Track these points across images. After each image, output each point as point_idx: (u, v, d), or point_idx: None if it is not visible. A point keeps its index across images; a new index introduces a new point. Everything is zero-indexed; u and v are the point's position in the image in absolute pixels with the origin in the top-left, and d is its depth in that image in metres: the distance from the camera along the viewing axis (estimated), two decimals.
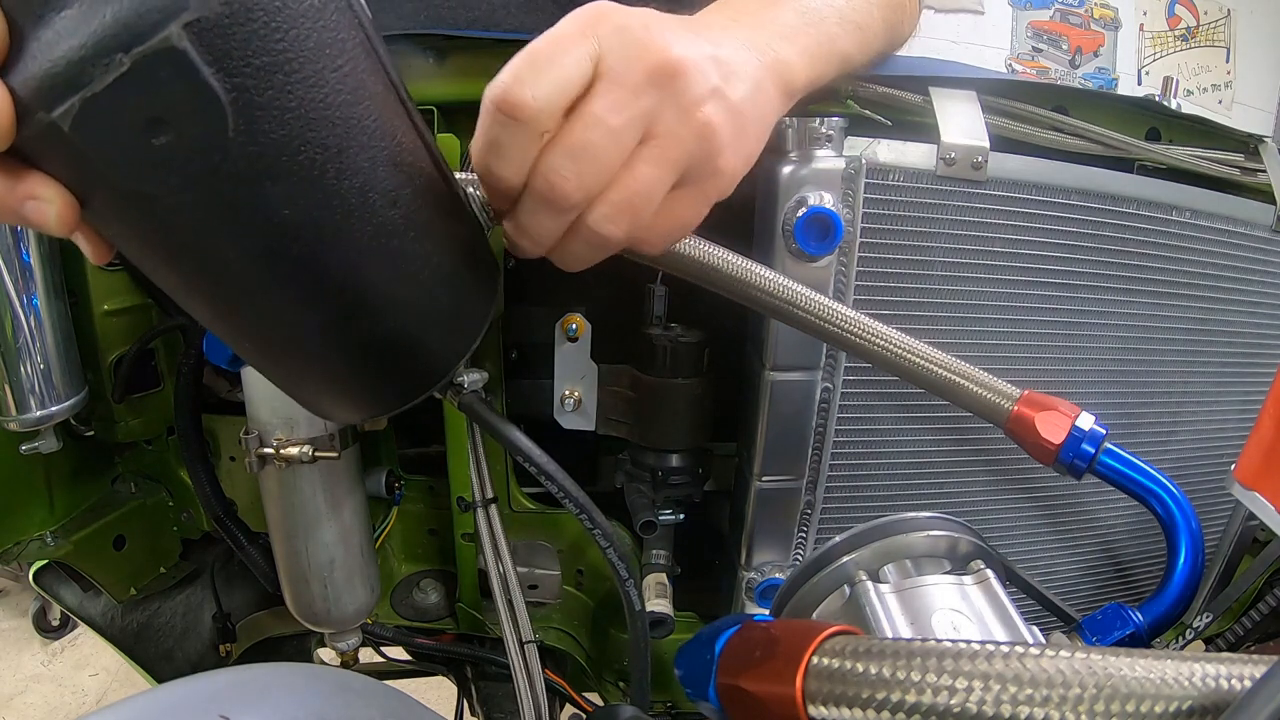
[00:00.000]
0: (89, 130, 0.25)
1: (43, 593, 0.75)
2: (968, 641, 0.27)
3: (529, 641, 0.65)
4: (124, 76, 0.24)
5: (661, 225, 0.39)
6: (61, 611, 1.61)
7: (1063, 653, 0.25)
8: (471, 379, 0.45)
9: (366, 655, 0.92)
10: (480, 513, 0.66)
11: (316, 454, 0.59)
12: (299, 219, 0.30)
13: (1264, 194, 0.64)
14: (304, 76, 0.28)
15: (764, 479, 0.60)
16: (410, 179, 0.34)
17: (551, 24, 0.36)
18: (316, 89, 0.28)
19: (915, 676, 0.26)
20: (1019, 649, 0.26)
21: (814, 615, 0.43)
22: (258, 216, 0.29)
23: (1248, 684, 0.23)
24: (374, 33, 0.32)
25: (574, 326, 0.64)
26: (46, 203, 0.28)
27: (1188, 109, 0.64)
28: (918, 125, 0.55)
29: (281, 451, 0.58)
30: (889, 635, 0.37)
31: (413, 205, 0.34)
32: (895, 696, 0.27)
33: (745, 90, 0.39)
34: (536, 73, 0.34)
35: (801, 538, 0.63)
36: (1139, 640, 0.54)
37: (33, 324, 0.57)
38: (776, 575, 0.63)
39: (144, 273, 0.33)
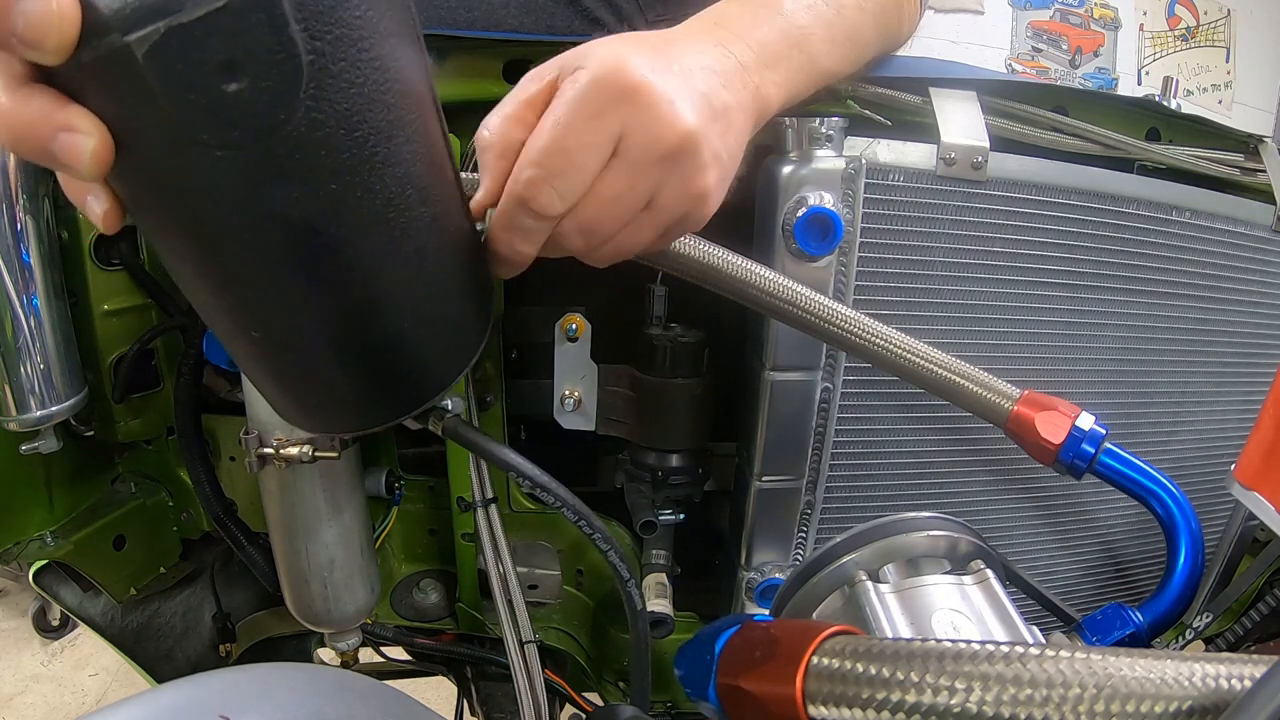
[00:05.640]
0: (164, 62, 0.24)
1: (43, 593, 0.75)
2: (968, 642, 0.27)
3: (529, 641, 0.65)
4: (217, 12, 0.24)
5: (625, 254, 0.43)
6: (61, 611, 1.61)
7: (1063, 653, 0.25)
8: (454, 402, 0.45)
9: (366, 655, 0.92)
10: (480, 513, 0.66)
11: (316, 454, 0.59)
12: (340, 197, 0.29)
13: (1264, 194, 0.64)
14: (373, 57, 0.28)
15: (764, 479, 0.60)
16: (440, 179, 0.34)
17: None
18: (380, 71, 0.28)
19: (915, 677, 0.26)
20: (1019, 649, 0.26)
21: (814, 615, 0.43)
22: (305, 186, 0.28)
23: (1248, 684, 0.23)
24: (423, 39, 0.33)
25: (574, 326, 0.64)
26: (84, 136, 0.26)
27: (1188, 109, 0.64)
28: (918, 125, 0.55)
29: (281, 451, 0.58)
30: (889, 635, 0.37)
31: (440, 206, 0.34)
32: (895, 696, 0.27)
33: (734, 142, 0.41)
34: (561, 175, 0.36)
35: (801, 538, 0.63)
36: (1139, 640, 0.54)
37: (33, 324, 0.57)
38: (776, 575, 0.63)
39: (155, 239, 0.32)
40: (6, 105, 0.26)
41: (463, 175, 0.42)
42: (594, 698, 0.78)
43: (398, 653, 0.89)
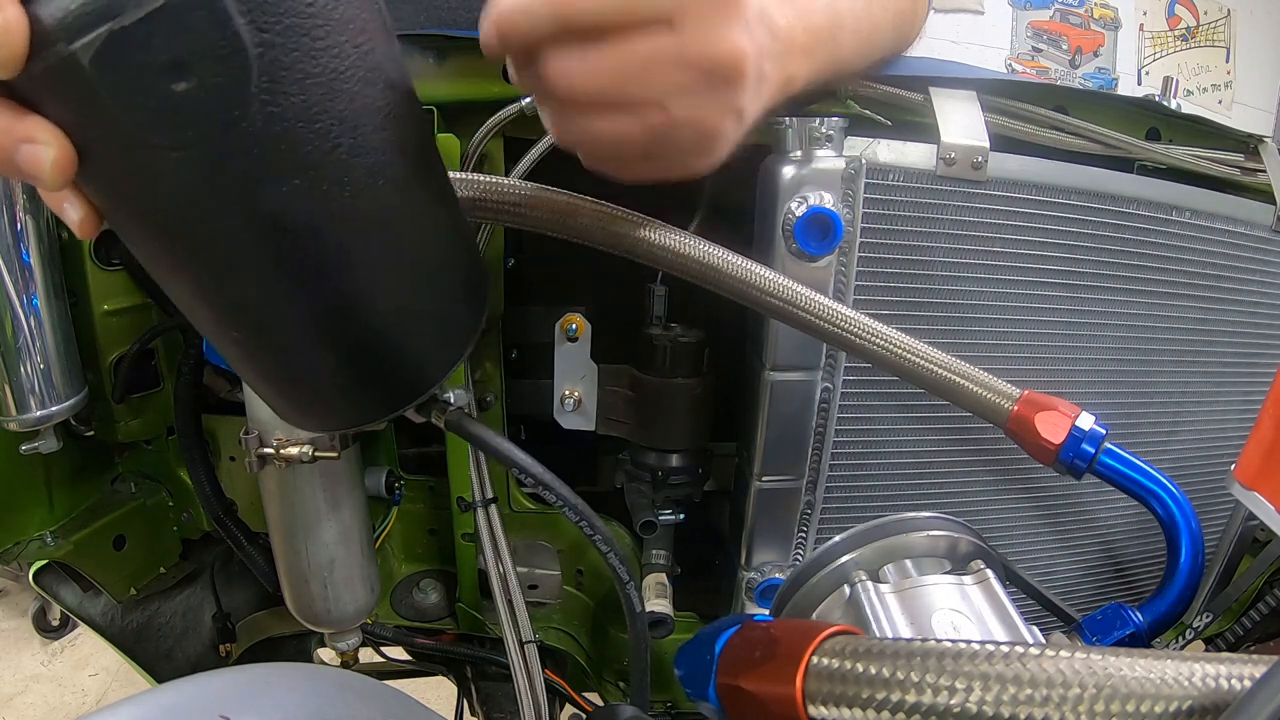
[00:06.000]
0: (110, 67, 0.24)
1: (43, 593, 0.75)
2: (968, 642, 0.27)
3: (529, 641, 0.65)
4: (157, 12, 0.24)
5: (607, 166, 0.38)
6: (61, 611, 1.61)
7: (1063, 653, 0.25)
8: (457, 394, 0.44)
9: (366, 655, 0.92)
10: (480, 513, 0.66)
11: (316, 454, 0.59)
12: (307, 191, 0.29)
13: (1264, 194, 0.64)
14: (328, 45, 0.28)
15: (764, 479, 0.60)
16: (417, 170, 0.33)
17: None
18: (339, 60, 0.28)
19: (915, 676, 0.26)
20: (1019, 649, 0.26)
21: (814, 615, 0.43)
22: (267, 182, 0.28)
23: (1248, 684, 0.23)
24: (391, 24, 0.32)
25: (574, 326, 0.64)
26: (44, 146, 0.26)
27: (1188, 109, 0.64)
28: (918, 125, 0.55)
29: (281, 451, 0.58)
30: (889, 635, 0.37)
31: (417, 196, 0.34)
32: (895, 696, 0.27)
33: (754, 114, 0.38)
34: None
35: (801, 538, 0.63)
36: (1139, 640, 0.54)
37: (33, 324, 0.57)
38: (776, 575, 0.63)
39: (131, 245, 0.31)
40: None
41: (463, 175, 0.42)
42: (594, 698, 0.78)
43: (398, 653, 0.89)
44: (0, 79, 0.25)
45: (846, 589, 0.42)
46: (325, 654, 0.90)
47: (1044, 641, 0.38)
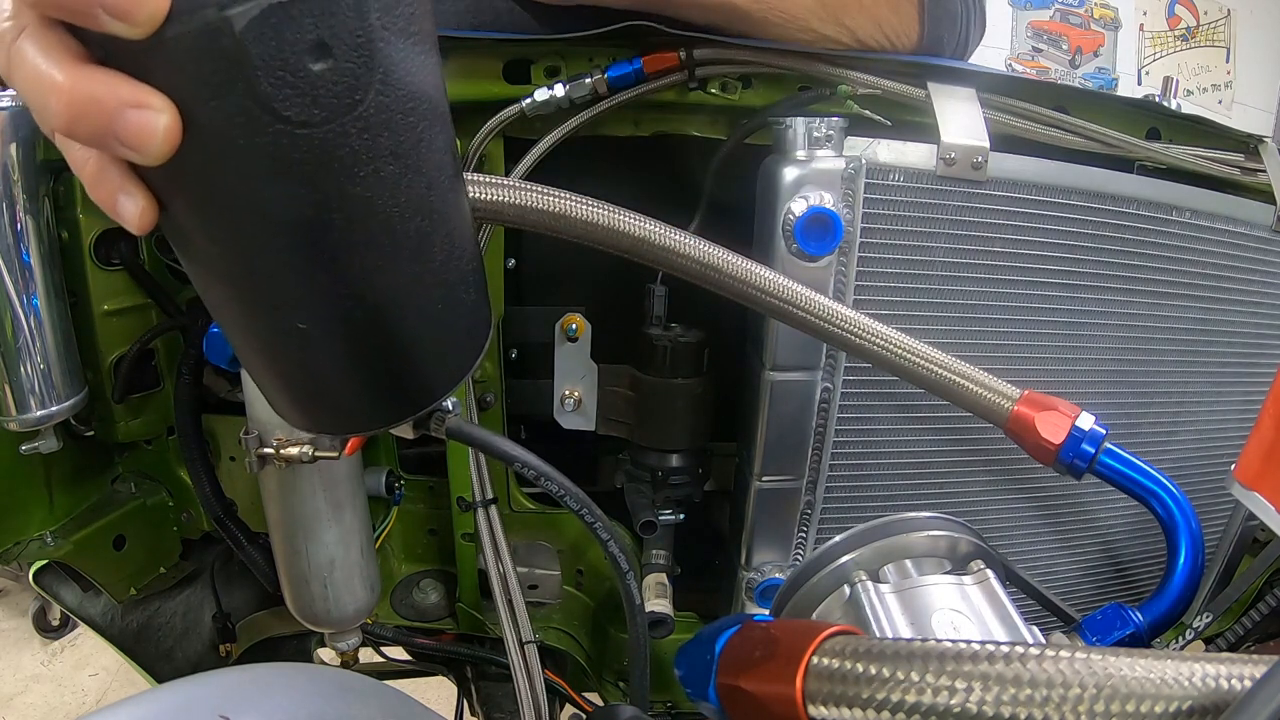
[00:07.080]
0: (261, 37, 0.25)
1: (43, 593, 0.75)
2: (968, 642, 0.27)
3: (529, 641, 0.65)
4: None
5: None
6: (61, 611, 1.61)
7: (1063, 653, 0.25)
8: (452, 402, 0.45)
9: (366, 655, 0.92)
10: (480, 513, 0.66)
11: (316, 454, 0.59)
12: (396, 180, 0.31)
13: (1264, 194, 0.64)
14: (420, 49, 0.30)
15: (764, 479, 0.60)
16: (457, 169, 0.35)
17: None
18: (423, 61, 0.30)
19: (915, 677, 0.26)
20: (1019, 649, 0.26)
21: (814, 615, 0.43)
22: (369, 167, 0.30)
23: (1248, 684, 0.23)
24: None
25: (574, 326, 0.64)
26: (157, 113, 0.24)
27: (1188, 109, 0.64)
28: (918, 125, 0.55)
29: (281, 451, 0.58)
30: (889, 635, 0.37)
31: (461, 194, 0.36)
32: (895, 696, 0.27)
33: None
34: None
35: (801, 538, 0.63)
36: (1139, 640, 0.54)
37: (33, 324, 0.57)
38: (776, 575, 0.63)
39: (193, 235, 0.31)
40: (64, 82, 0.24)
41: (464, 176, 0.42)
42: (594, 698, 0.78)
43: (398, 653, 0.89)
44: (131, 37, 0.24)
45: (846, 589, 0.42)
46: (325, 654, 0.90)
47: (1044, 641, 0.38)
